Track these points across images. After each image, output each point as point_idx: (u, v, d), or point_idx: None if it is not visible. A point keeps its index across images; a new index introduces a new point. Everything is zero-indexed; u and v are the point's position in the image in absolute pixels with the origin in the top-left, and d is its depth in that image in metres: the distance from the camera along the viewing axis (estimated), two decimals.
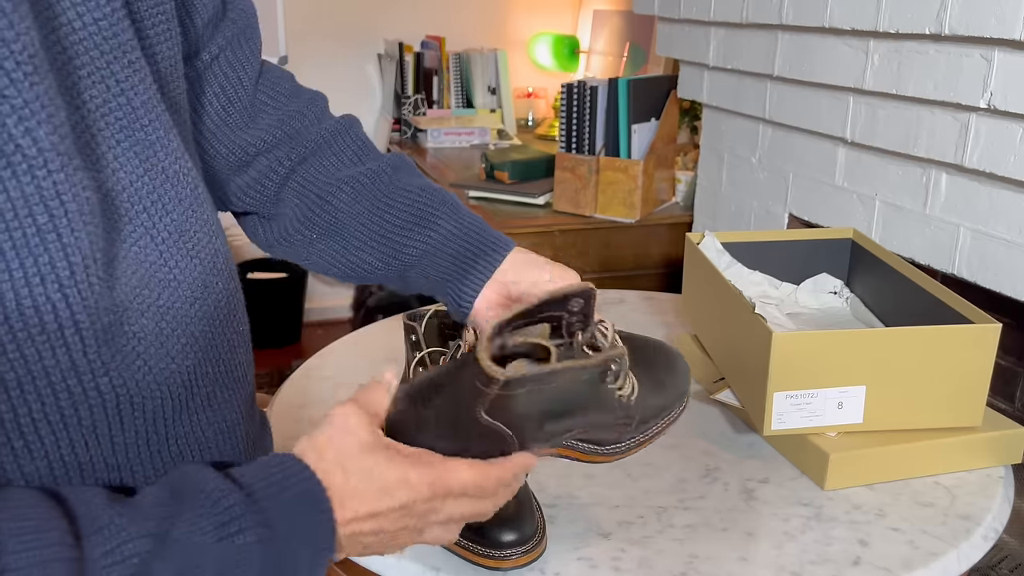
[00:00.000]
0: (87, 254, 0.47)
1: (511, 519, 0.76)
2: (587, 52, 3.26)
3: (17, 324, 0.45)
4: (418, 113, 3.15)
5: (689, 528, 0.83)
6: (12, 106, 0.43)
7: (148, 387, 0.52)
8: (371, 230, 0.73)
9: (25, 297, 0.45)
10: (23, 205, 0.44)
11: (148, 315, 0.52)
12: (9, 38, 0.43)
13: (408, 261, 0.73)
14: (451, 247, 0.72)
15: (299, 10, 3.21)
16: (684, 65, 1.98)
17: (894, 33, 1.30)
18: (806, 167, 1.63)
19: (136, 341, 0.51)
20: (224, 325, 0.59)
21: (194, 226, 0.56)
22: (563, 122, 2.11)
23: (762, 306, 1.17)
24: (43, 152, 0.44)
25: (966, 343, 0.91)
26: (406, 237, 0.72)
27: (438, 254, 0.72)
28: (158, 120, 0.54)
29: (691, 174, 2.16)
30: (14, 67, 0.43)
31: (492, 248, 0.72)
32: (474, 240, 0.72)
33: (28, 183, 0.44)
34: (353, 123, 0.78)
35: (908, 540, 0.82)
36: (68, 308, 0.46)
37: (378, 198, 0.73)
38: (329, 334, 3.19)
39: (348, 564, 0.83)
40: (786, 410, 0.91)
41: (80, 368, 0.48)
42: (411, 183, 0.74)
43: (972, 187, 1.26)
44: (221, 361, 0.58)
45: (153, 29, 0.56)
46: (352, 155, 0.75)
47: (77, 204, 0.46)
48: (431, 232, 0.72)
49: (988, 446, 0.94)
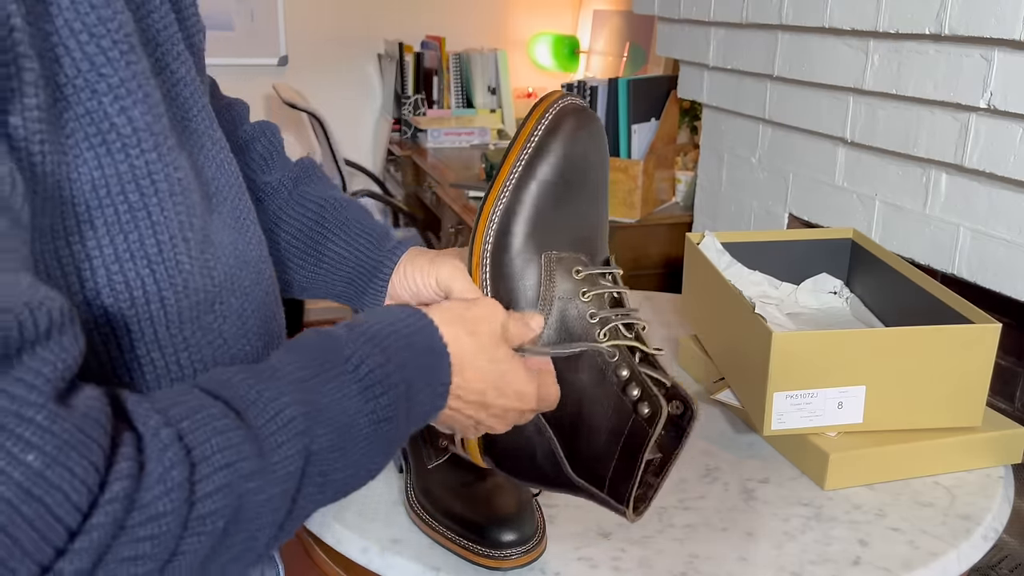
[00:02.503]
0: (175, 233, 0.47)
1: (511, 519, 0.76)
2: (587, 52, 3.26)
3: (108, 299, 0.46)
4: (418, 113, 3.15)
5: (689, 528, 0.83)
6: (108, 84, 0.44)
7: (223, 365, 0.53)
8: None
9: (116, 273, 0.45)
10: (116, 183, 0.45)
11: (235, 296, 0.53)
12: (106, 16, 0.43)
13: (303, 284, 0.74)
14: (343, 270, 0.72)
15: (299, 10, 3.21)
16: (684, 65, 1.98)
17: (894, 33, 1.30)
18: (806, 167, 1.63)
19: (222, 320, 0.52)
20: (276, 308, 0.61)
21: (244, 212, 0.58)
22: None
23: (762, 306, 1.17)
24: (137, 131, 0.45)
25: (966, 343, 0.91)
26: (298, 261, 0.73)
27: (331, 278, 0.73)
28: (204, 111, 0.55)
29: (691, 174, 2.16)
30: (111, 45, 0.44)
31: (381, 267, 0.71)
32: (364, 260, 0.72)
33: (122, 161, 0.45)
34: (266, 130, 0.77)
35: (908, 540, 0.82)
36: (156, 284, 0.47)
37: (273, 216, 0.73)
38: None
39: (348, 564, 0.83)
40: (786, 410, 0.91)
41: (163, 343, 0.49)
42: (310, 196, 0.74)
43: (972, 187, 1.26)
44: (274, 344, 0.60)
45: (189, 20, 0.57)
46: (258, 163, 0.75)
47: (168, 184, 0.47)
48: (322, 258, 0.72)
49: (988, 446, 0.94)
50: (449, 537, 0.78)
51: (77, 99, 0.43)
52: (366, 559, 0.80)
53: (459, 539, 0.77)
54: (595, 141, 0.69)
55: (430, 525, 0.80)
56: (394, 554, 0.79)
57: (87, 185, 0.44)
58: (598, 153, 0.69)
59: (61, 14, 0.42)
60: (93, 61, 0.43)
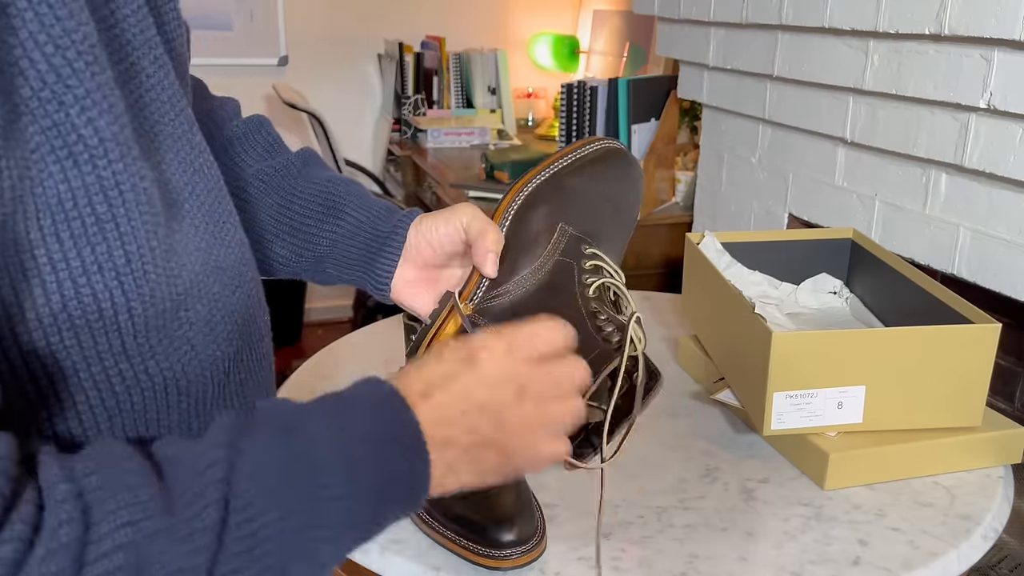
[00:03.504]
0: (143, 243, 0.47)
1: (511, 519, 0.76)
2: (587, 52, 3.26)
3: (75, 312, 0.45)
4: (418, 113, 3.15)
5: (689, 528, 0.83)
6: (75, 96, 0.43)
7: (194, 372, 0.53)
8: (281, 222, 0.74)
9: (83, 286, 0.45)
10: (83, 195, 0.44)
11: (203, 302, 0.52)
12: (71, 27, 0.43)
13: (320, 252, 0.74)
14: (360, 234, 0.73)
15: (299, 10, 3.21)
16: (684, 65, 1.98)
17: (894, 33, 1.30)
18: (806, 167, 1.63)
19: (188, 327, 0.51)
20: (256, 312, 0.60)
21: (224, 216, 0.57)
22: (563, 122, 2.11)
23: (762, 306, 1.17)
24: (104, 142, 0.45)
25: (966, 343, 0.91)
26: (316, 228, 0.74)
27: (348, 242, 0.73)
28: (183, 114, 0.55)
29: (691, 174, 2.16)
30: (76, 57, 0.44)
31: (397, 229, 0.73)
32: (381, 224, 0.73)
33: (89, 173, 0.44)
34: (263, 122, 0.79)
35: (908, 540, 0.82)
36: (124, 296, 0.46)
37: (287, 191, 0.74)
38: (329, 334, 3.19)
39: (349, 563, 0.83)
40: (786, 410, 0.91)
41: (131, 353, 0.48)
42: (319, 175, 0.75)
43: (972, 187, 1.26)
44: (253, 348, 0.60)
45: (168, 25, 0.57)
46: (261, 151, 0.76)
47: (135, 194, 0.46)
48: (339, 222, 0.73)
49: (988, 446, 0.94)
50: (449, 537, 0.78)
51: (43, 112, 0.43)
52: (366, 559, 0.80)
53: (459, 539, 0.77)
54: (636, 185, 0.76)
55: (430, 525, 0.80)
56: (394, 554, 0.79)
57: (53, 198, 0.43)
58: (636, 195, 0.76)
59: (25, 26, 0.42)
60: (59, 73, 0.43)
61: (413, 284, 0.73)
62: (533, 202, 0.73)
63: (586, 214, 0.73)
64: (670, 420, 1.05)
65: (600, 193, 0.74)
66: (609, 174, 0.75)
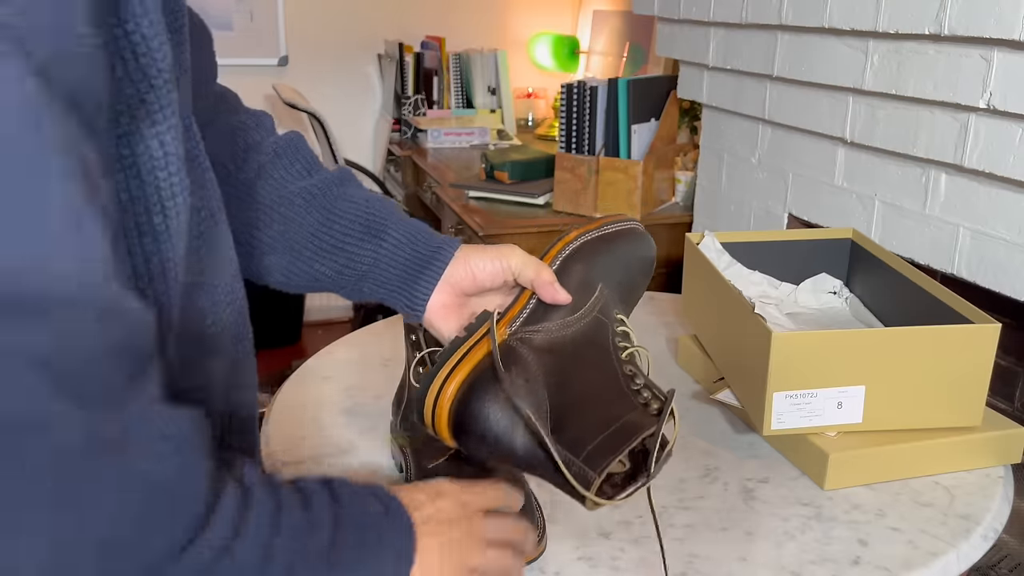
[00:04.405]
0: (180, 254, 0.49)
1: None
2: (587, 52, 3.27)
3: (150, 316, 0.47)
4: (418, 113, 3.15)
5: (689, 528, 0.83)
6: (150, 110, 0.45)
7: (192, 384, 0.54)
8: (324, 241, 0.75)
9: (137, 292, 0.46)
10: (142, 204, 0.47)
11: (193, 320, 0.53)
12: (154, 47, 0.45)
13: (361, 271, 0.75)
14: (401, 255, 0.75)
15: (299, 10, 3.21)
16: (684, 65, 1.98)
17: (894, 33, 1.30)
18: (806, 167, 1.63)
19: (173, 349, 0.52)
20: (245, 328, 0.61)
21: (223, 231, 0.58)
22: (563, 122, 2.11)
23: (762, 306, 1.17)
24: (167, 156, 0.47)
25: (966, 343, 0.91)
26: (358, 248, 0.75)
27: (389, 262, 0.75)
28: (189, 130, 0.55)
29: (691, 174, 2.16)
30: (156, 74, 0.45)
31: (438, 252, 0.75)
32: (421, 247, 0.75)
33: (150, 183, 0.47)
34: (299, 139, 0.79)
35: (908, 540, 0.82)
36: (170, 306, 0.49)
37: (329, 210, 0.75)
38: (329, 334, 3.19)
39: None
40: (786, 410, 0.91)
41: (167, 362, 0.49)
42: (357, 195, 0.77)
43: (972, 187, 1.26)
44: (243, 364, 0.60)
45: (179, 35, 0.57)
46: (301, 168, 0.76)
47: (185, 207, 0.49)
48: (381, 242, 0.75)
49: (987, 446, 0.94)
50: None
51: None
52: None
53: None
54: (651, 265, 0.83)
55: None
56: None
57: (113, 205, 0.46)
58: (649, 272, 0.84)
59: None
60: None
61: (447, 308, 0.75)
62: (579, 257, 0.78)
63: (618, 282, 0.79)
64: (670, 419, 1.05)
65: (627, 266, 0.80)
66: (632, 251, 0.81)
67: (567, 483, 0.65)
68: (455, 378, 0.68)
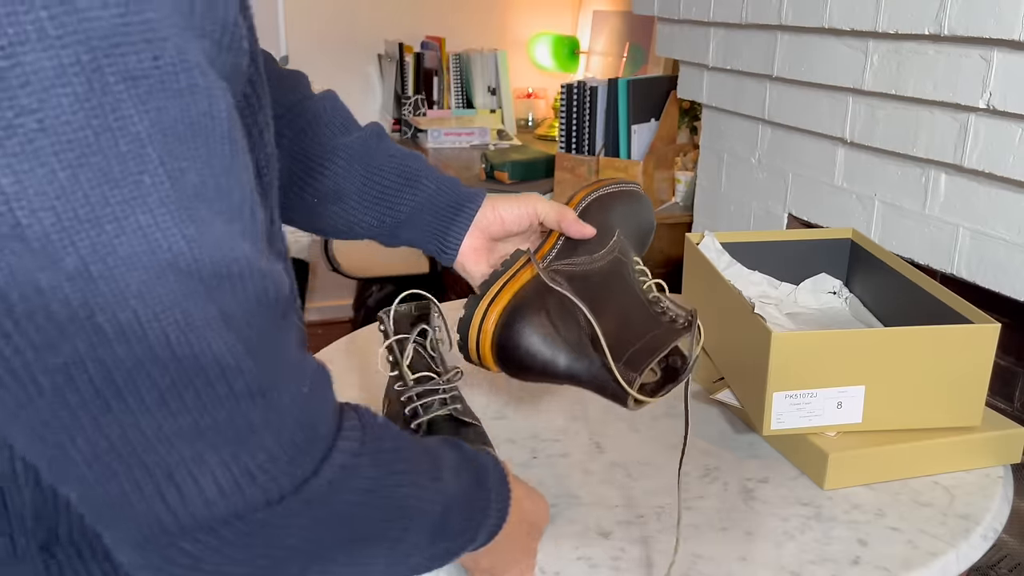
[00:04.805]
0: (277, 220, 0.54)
1: None
2: (587, 52, 3.27)
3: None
4: (418, 113, 3.15)
5: (689, 528, 0.84)
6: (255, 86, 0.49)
7: None
8: (367, 192, 0.82)
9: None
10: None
11: None
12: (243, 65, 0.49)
13: (400, 218, 0.82)
14: (436, 202, 0.82)
15: (299, 10, 3.21)
16: (684, 65, 1.98)
17: (893, 33, 1.30)
18: (805, 167, 1.63)
19: None
20: None
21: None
22: (563, 122, 2.11)
23: (762, 306, 1.18)
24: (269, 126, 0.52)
25: (965, 343, 0.91)
26: (397, 197, 0.82)
27: (425, 210, 0.82)
28: None
29: (691, 174, 2.16)
30: (257, 50, 0.49)
31: (469, 200, 0.83)
32: (453, 195, 0.83)
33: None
34: (335, 97, 0.86)
35: (907, 540, 0.82)
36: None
37: (369, 163, 0.82)
38: (329, 334, 3.18)
39: None
40: (785, 410, 0.91)
41: None
42: (392, 149, 0.85)
43: (971, 187, 1.26)
44: None
45: None
46: (340, 125, 0.84)
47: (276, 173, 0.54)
48: (418, 191, 0.82)
49: (987, 446, 0.94)
50: None
51: None
52: None
53: None
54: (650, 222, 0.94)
55: None
56: None
57: None
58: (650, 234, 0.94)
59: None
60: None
61: (477, 252, 0.83)
62: (598, 206, 0.86)
63: (628, 234, 0.88)
64: (670, 420, 1.05)
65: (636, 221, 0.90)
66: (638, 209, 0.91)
67: (611, 384, 0.71)
68: (497, 305, 0.73)
